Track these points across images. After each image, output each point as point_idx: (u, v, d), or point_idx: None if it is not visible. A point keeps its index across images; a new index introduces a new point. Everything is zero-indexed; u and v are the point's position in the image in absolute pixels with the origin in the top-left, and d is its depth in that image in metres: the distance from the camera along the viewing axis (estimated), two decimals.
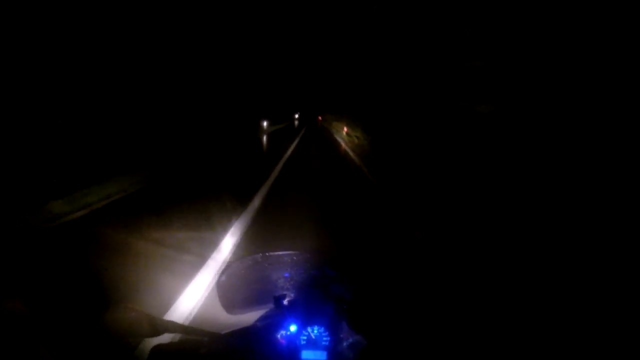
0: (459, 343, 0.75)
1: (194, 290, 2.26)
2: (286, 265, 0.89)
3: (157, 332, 0.72)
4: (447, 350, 0.73)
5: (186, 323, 0.80)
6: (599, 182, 3.80)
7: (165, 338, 0.72)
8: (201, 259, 2.73)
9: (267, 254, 0.88)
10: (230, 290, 0.85)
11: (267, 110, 22.64)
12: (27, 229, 3.35)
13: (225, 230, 3.42)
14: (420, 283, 0.92)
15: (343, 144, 14.29)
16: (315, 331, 0.74)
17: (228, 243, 3.16)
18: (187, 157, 7.84)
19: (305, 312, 0.77)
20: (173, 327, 0.75)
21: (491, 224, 3.76)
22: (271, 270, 0.88)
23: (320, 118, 41.47)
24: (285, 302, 0.81)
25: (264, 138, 17.02)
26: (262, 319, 0.81)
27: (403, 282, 0.91)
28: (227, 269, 0.84)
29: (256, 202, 4.56)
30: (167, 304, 2.07)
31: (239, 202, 4.31)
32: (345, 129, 17.17)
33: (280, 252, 0.88)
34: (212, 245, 3.05)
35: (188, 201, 4.44)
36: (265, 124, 20.86)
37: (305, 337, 0.74)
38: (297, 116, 46.49)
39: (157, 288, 2.27)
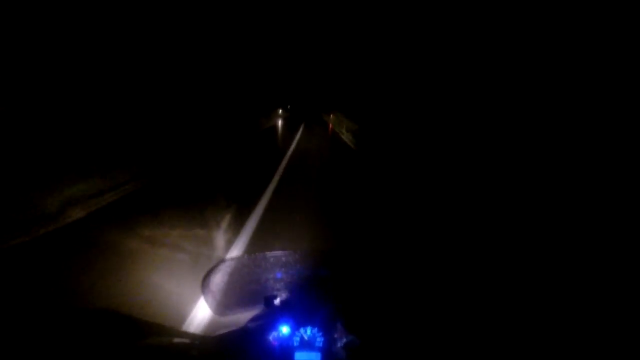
0: (452, 342, 0.75)
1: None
2: (277, 265, 0.87)
3: (145, 336, 0.70)
4: (441, 349, 0.73)
5: (176, 326, 0.77)
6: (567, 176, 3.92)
7: (155, 341, 0.70)
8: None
9: (256, 254, 0.87)
10: (217, 291, 0.83)
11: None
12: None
13: None
14: (413, 282, 0.91)
15: None
16: (309, 332, 0.73)
17: None
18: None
19: (297, 312, 0.75)
20: (162, 330, 0.73)
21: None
22: (261, 270, 0.87)
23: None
24: (276, 302, 0.80)
25: None
26: (252, 320, 0.79)
27: (396, 281, 0.91)
28: (213, 269, 0.81)
29: None
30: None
31: None
32: None
33: (270, 252, 0.86)
34: None
35: None
36: None
37: (298, 338, 0.72)
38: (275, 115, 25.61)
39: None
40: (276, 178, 5.65)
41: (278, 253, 0.87)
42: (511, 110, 5.70)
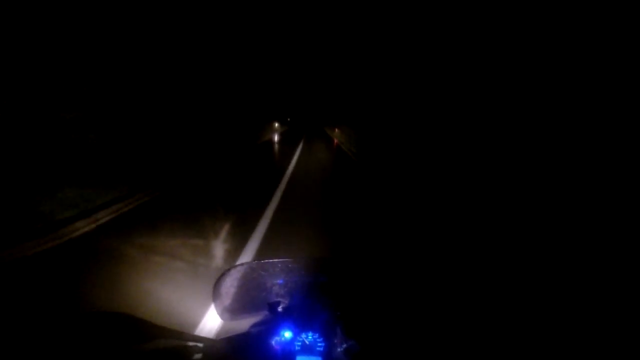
0: (451, 347, 0.77)
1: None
2: (280, 272, 0.89)
3: (149, 338, 0.72)
4: (440, 354, 0.74)
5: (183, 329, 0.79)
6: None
7: (159, 343, 0.71)
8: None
9: (261, 261, 0.89)
10: (225, 297, 0.85)
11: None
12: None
13: None
14: (412, 287, 0.94)
15: None
16: (310, 337, 0.75)
17: None
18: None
19: (299, 318, 0.77)
20: (166, 332, 0.75)
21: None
22: (265, 277, 0.89)
23: None
24: (279, 308, 0.82)
25: None
26: (256, 325, 0.81)
27: (396, 286, 0.93)
28: (223, 276, 0.84)
29: None
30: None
31: None
32: None
33: (274, 259, 0.89)
34: None
35: None
36: None
37: (299, 343, 0.74)
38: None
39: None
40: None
41: (281, 260, 0.89)
42: (511, 118, 5.80)
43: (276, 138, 21.13)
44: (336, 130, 24.79)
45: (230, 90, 18.17)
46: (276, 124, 29.23)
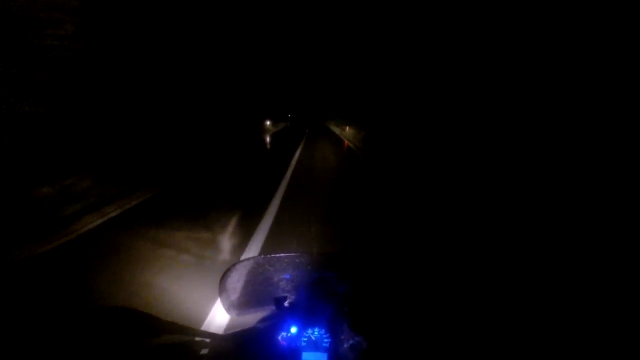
0: (458, 343, 0.76)
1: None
2: (287, 267, 0.89)
3: (157, 333, 0.72)
4: (447, 350, 0.74)
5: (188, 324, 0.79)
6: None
7: (166, 339, 0.71)
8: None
9: (268, 255, 0.89)
10: (231, 291, 0.85)
11: None
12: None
13: None
14: (420, 283, 0.93)
15: None
16: (316, 333, 0.74)
17: None
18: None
19: (305, 313, 0.77)
20: (173, 327, 0.75)
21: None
22: (272, 272, 0.89)
23: None
24: (286, 303, 0.82)
25: None
26: (262, 320, 0.81)
27: (403, 282, 0.92)
28: (229, 270, 0.84)
29: None
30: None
31: None
32: None
33: (281, 254, 0.89)
34: None
35: None
36: None
37: (305, 339, 0.74)
38: None
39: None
40: None
41: (287, 255, 0.89)
42: (513, 111, 5.76)
43: (268, 139, 17.80)
44: (347, 128, 21.55)
45: (227, 86, 17.34)
46: (267, 123, 25.77)
